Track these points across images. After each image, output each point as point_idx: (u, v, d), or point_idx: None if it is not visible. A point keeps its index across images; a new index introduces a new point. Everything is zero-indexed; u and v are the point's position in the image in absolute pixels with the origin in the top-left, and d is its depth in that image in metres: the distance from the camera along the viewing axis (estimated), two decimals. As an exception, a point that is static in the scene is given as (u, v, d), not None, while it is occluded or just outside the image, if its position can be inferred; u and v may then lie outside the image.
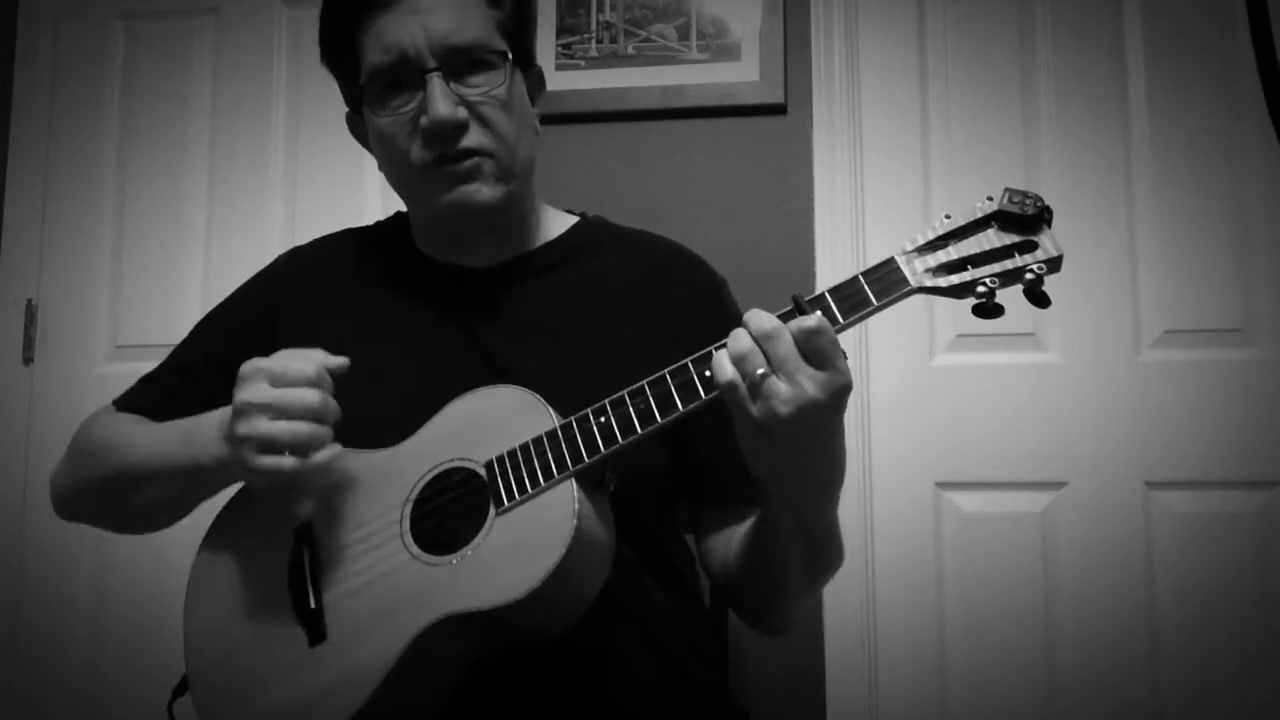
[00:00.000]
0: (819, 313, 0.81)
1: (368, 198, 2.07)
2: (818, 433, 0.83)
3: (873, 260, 0.86)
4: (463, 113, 1.00)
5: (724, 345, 0.83)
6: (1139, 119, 1.90)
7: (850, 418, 1.87)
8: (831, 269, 1.91)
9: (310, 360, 0.92)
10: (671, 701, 1.02)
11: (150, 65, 2.22)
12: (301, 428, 0.89)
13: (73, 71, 2.24)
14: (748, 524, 1.03)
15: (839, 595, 1.85)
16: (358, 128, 1.12)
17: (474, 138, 1.01)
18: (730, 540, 1.07)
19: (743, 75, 1.97)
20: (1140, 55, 1.91)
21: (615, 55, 2.01)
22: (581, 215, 1.20)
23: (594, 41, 2.02)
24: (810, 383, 0.80)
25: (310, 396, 0.89)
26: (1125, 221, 1.87)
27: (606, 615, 0.90)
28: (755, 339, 0.81)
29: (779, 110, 1.97)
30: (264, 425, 0.89)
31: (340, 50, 1.06)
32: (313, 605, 0.93)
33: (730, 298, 1.16)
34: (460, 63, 1.01)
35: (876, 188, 1.95)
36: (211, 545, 1.04)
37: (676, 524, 1.13)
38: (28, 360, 2.16)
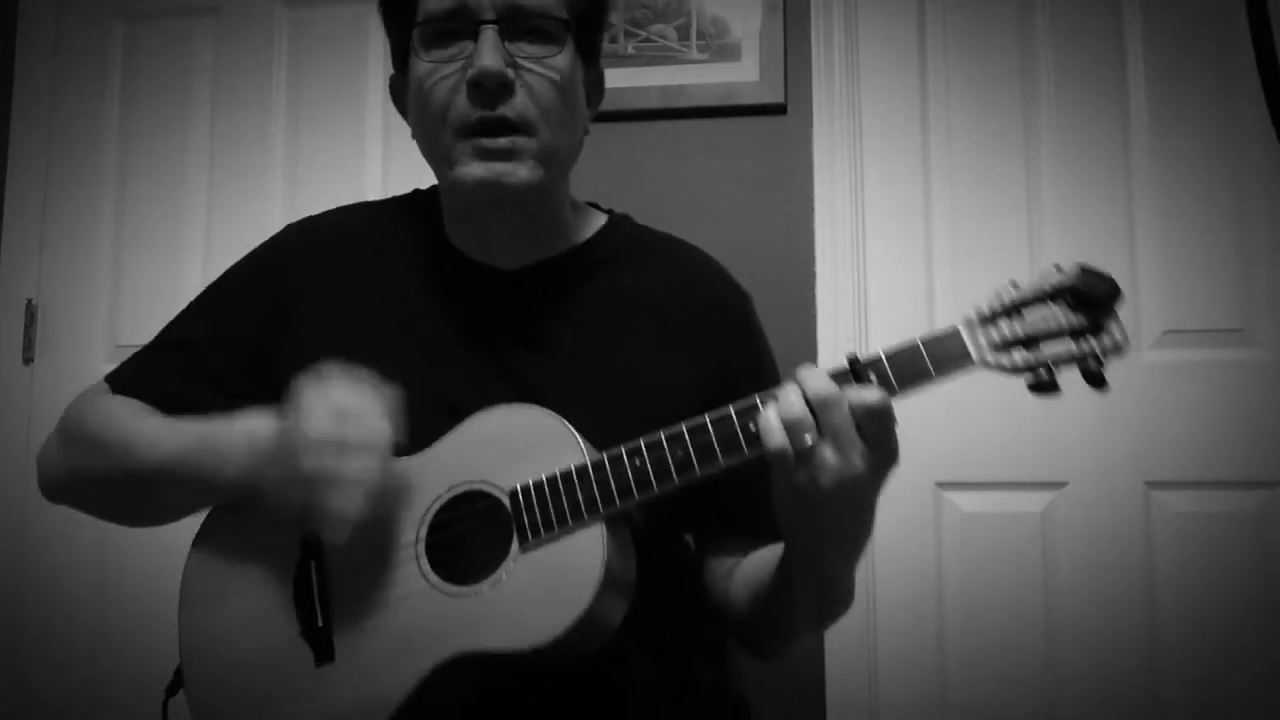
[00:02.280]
0: (882, 390, 0.77)
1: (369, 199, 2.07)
2: (861, 501, 0.81)
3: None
4: (512, 73, 0.96)
5: (771, 397, 0.79)
6: (1139, 119, 1.90)
7: (850, 418, 1.87)
8: (831, 269, 1.90)
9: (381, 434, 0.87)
10: (671, 697, 1.01)
11: (150, 65, 2.22)
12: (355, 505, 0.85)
13: (73, 71, 2.23)
14: (756, 557, 1.01)
15: (839, 595, 1.85)
16: (399, 91, 1.08)
17: (518, 106, 0.96)
18: (733, 569, 1.05)
19: (743, 75, 1.97)
20: (1140, 55, 1.91)
21: (615, 55, 2.01)
22: (609, 214, 1.16)
23: (594, 41, 2.02)
24: (861, 459, 0.77)
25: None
26: (1125, 221, 1.87)
27: None
28: (809, 402, 0.77)
29: (779, 110, 1.97)
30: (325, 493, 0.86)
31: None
32: (320, 624, 0.90)
33: (756, 320, 1.14)
34: (519, 25, 0.97)
35: (876, 188, 1.95)
36: (208, 540, 1.01)
37: (678, 531, 1.11)
38: (28, 360, 2.16)
